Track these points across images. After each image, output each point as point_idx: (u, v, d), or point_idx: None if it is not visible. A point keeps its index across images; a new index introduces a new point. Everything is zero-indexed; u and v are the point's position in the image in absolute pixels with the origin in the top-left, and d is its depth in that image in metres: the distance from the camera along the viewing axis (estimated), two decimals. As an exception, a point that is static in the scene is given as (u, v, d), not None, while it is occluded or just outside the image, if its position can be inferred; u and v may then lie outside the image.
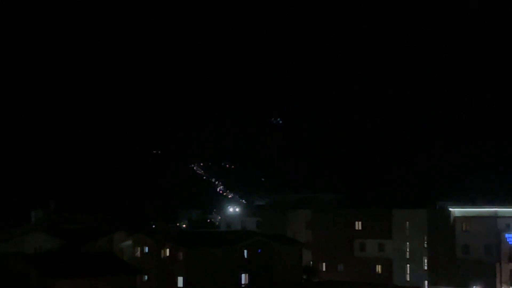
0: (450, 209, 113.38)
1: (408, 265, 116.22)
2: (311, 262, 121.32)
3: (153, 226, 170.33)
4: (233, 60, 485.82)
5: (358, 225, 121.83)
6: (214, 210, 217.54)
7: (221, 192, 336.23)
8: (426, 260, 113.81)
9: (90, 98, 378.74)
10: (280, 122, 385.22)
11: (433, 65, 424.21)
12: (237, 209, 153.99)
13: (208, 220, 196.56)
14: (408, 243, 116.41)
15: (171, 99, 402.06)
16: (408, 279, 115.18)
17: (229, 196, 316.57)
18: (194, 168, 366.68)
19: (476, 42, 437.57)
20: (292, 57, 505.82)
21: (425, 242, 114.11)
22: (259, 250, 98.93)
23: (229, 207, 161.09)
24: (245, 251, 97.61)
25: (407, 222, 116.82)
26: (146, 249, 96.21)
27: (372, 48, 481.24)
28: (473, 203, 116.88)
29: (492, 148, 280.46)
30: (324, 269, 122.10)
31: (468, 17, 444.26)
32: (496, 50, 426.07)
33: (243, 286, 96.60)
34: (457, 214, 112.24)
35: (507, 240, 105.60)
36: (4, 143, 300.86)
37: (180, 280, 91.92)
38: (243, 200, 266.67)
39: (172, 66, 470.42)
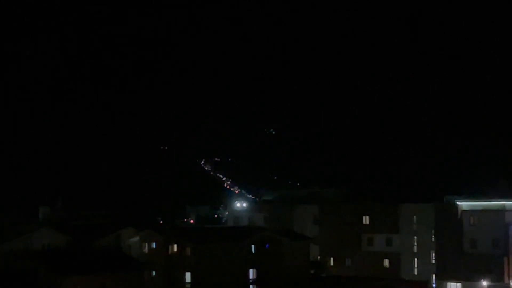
0: (458, 203, 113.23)
1: (415, 259, 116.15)
2: (319, 257, 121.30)
3: (161, 222, 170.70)
4: (238, 56, 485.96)
5: (366, 220, 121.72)
6: (222, 205, 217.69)
7: (228, 187, 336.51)
8: (433, 254, 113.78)
9: (97, 94, 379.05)
10: (274, 132, 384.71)
11: (439, 60, 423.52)
12: (245, 205, 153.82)
13: (216, 216, 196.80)
14: (415, 237, 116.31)
15: (178, 95, 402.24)
16: (415, 273, 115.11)
17: (237, 192, 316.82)
18: (202, 163, 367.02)
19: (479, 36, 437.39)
20: (297, 50, 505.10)
21: (433, 236, 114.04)
22: (267, 245, 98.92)
23: (236, 202, 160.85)
24: (253, 247, 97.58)
25: (415, 217, 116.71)
26: (154, 245, 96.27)
27: (379, 41, 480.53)
28: (481, 197, 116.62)
29: (499, 141, 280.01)
30: (331, 263, 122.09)
31: (468, 17, 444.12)
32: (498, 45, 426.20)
33: (250, 281, 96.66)
34: (464, 208, 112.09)
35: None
36: (12, 140, 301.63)
37: (187, 276, 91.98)
38: (251, 196, 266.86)
39: (179, 63, 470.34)
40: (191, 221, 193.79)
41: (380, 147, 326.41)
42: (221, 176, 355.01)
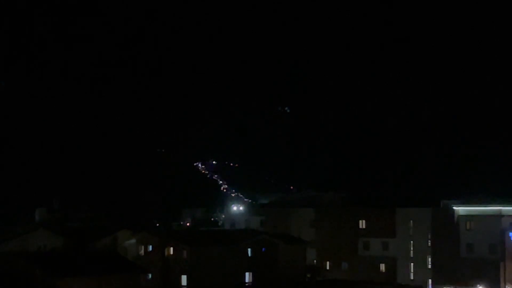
0: (454, 207, 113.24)
1: (412, 264, 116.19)
2: (315, 261, 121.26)
3: (157, 225, 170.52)
4: (238, 52, 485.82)
5: (362, 224, 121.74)
6: (218, 208, 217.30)
7: (225, 190, 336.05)
8: (430, 259, 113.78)
9: (93, 96, 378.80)
10: (288, 111, 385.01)
11: (437, 64, 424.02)
12: (241, 208, 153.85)
13: (212, 219, 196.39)
14: (412, 241, 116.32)
15: (174, 96, 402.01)
16: (412, 278, 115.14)
17: (233, 195, 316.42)
18: (198, 166, 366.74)
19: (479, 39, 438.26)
20: (292, 57, 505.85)
21: (429, 241, 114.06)
22: (263, 249, 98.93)
23: (233, 205, 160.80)
24: (249, 250, 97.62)
25: (411, 221, 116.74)
26: (150, 248, 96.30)
27: (376, 47, 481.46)
28: (477, 202, 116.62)
29: (496, 146, 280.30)
30: (328, 268, 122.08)
31: (468, 17, 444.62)
32: (498, 49, 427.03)
33: (247, 284, 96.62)
34: (461, 213, 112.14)
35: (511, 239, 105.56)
36: (8, 141, 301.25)
37: (184, 279, 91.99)
38: (247, 199, 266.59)
39: (175, 63, 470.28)
40: (187, 224, 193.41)
41: (377, 151, 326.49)
42: (218, 179, 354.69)
